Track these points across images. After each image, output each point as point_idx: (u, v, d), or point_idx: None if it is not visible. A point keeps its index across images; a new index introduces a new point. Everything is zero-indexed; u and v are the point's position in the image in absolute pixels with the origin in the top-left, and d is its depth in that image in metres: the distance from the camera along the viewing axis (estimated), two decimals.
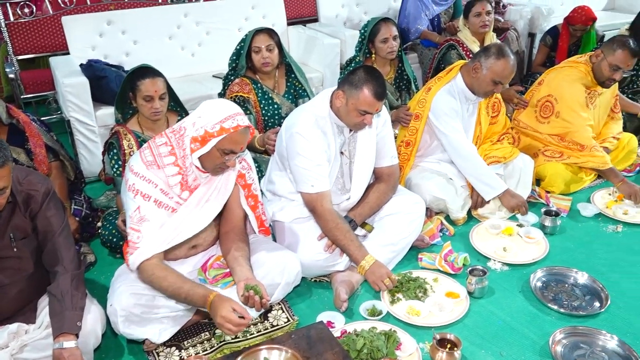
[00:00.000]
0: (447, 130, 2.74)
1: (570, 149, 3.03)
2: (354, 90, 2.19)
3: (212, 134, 1.86)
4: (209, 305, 1.88)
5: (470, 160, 2.77)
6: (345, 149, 2.42)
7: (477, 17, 3.55)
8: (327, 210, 2.26)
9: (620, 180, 2.95)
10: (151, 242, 1.94)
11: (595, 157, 2.98)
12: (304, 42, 4.16)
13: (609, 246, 2.63)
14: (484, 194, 2.76)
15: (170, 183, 1.94)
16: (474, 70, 2.68)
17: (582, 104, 3.02)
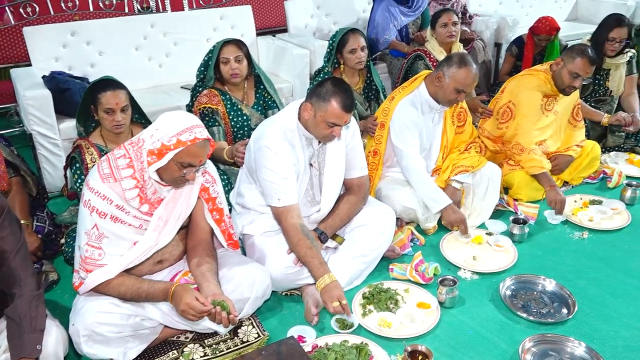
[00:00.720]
0: (401, 143, 2.77)
1: (513, 152, 3.09)
2: (322, 103, 2.18)
3: (169, 146, 1.82)
4: (170, 297, 1.89)
5: (419, 175, 2.77)
6: (314, 160, 2.41)
7: (443, 28, 3.60)
8: (291, 225, 2.23)
9: (550, 185, 2.98)
10: (117, 260, 1.90)
11: (533, 160, 3.03)
12: (273, 52, 4.15)
13: (576, 253, 2.67)
14: (430, 207, 2.76)
15: (127, 197, 1.89)
16: (437, 79, 2.71)
17: (535, 110, 3.08)
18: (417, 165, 2.78)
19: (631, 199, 3.08)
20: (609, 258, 2.61)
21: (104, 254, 1.89)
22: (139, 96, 2.76)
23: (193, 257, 2.08)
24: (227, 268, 2.12)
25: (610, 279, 2.47)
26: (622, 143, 3.66)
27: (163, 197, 1.97)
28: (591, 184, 3.33)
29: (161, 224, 1.98)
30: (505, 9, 5.48)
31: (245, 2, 4.62)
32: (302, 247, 2.20)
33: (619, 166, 3.48)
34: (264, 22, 4.85)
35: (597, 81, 3.68)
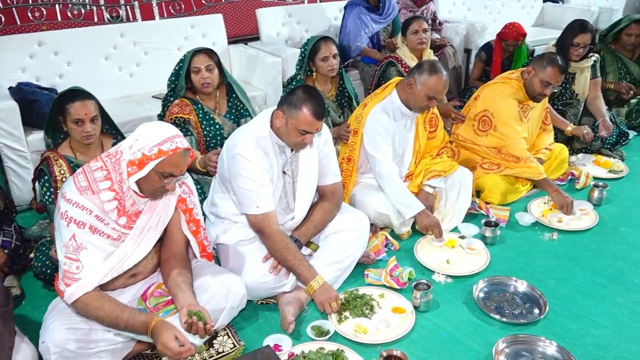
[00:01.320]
0: (373, 149, 2.80)
1: (507, 160, 3.15)
2: (293, 110, 2.20)
3: (150, 156, 1.81)
4: (150, 332, 1.86)
5: (391, 181, 2.80)
6: (287, 168, 2.41)
7: (414, 35, 3.65)
8: (275, 230, 2.24)
9: (554, 190, 3.07)
10: (93, 273, 1.87)
11: (530, 167, 3.10)
12: (245, 60, 4.15)
13: (546, 254, 2.73)
14: (403, 213, 2.78)
15: (106, 209, 1.87)
16: (408, 86, 2.75)
17: (516, 118, 3.15)
18: (390, 172, 2.81)
19: (598, 200, 3.16)
20: (578, 258, 2.68)
21: (82, 267, 1.86)
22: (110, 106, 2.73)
23: (167, 268, 2.07)
24: (201, 278, 2.11)
25: (580, 278, 2.53)
26: (589, 145, 3.76)
27: (141, 209, 1.96)
28: (560, 185, 3.41)
29: (138, 234, 1.96)
30: (474, 15, 5.60)
31: (216, 11, 4.62)
32: (291, 252, 2.22)
33: (586, 168, 3.57)
34: (235, 31, 4.85)
35: (563, 85, 3.77)
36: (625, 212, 3.10)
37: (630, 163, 3.70)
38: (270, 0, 5.00)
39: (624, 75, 4.19)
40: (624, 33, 4.06)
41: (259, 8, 4.61)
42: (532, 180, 3.13)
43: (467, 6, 5.63)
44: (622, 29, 4.07)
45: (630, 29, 4.02)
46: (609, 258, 2.67)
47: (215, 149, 2.75)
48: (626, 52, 4.17)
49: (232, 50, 4.31)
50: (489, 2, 5.77)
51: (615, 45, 4.19)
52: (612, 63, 4.18)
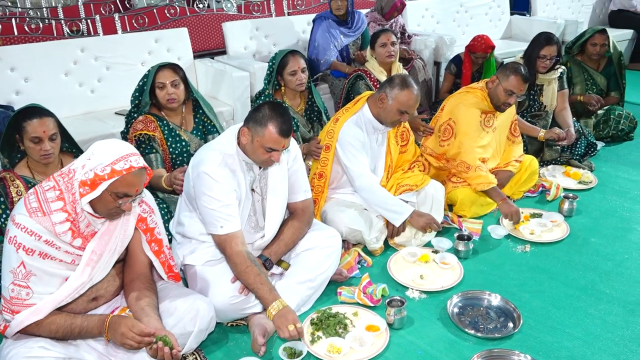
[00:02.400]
0: (351, 163, 2.83)
1: (459, 170, 3.21)
2: (259, 128, 2.21)
3: (103, 176, 1.79)
4: (107, 328, 1.86)
5: (374, 192, 2.84)
6: (256, 186, 2.42)
7: (382, 48, 3.72)
8: (236, 252, 2.22)
9: (501, 199, 3.13)
10: (48, 298, 1.83)
11: (480, 177, 3.15)
12: (212, 75, 4.15)
13: (519, 266, 2.79)
14: (393, 220, 2.83)
15: (57, 231, 1.83)
16: (380, 100, 2.79)
17: (475, 127, 3.22)
18: (372, 183, 2.85)
19: (569, 211, 3.25)
20: (551, 270, 2.74)
21: (32, 293, 1.82)
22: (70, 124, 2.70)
23: (131, 291, 2.04)
24: (167, 301, 2.09)
25: (553, 290, 2.58)
26: (558, 156, 3.87)
27: (97, 229, 1.93)
28: (531, 197, 3.50)
29: (95, 259, 1.92)
30: (443, 28, 5.73)
31: (181, 25, 4.63)
32: (250, 274, 2.19)
33: (556, 179, 3.67)
34: (201, 45, 4.85)
35: (531, 96, 3.89)
36: (596, 223, 3.19)
37: (599, 174, 3.82)
38: (237, 14, 5.04)
39: (591, 86, 4.35)
40: (589, 43, 4.22)
41: (225, 21, 4.62)
42: (483, 191, 3.17)
43: (435, 19, 5.77)
44: (586, 40, 4.22)
45: (595, 39, 4.18)
46: (581, 269, 2.75)
47: (181, 167, 2.73)
48: (592, 63, 4.33)
49: (198, 64, 4.31)
50: (458, 15, 5.92)
51: (581, 56, 4.35)
52: (578, 74, 4.33)
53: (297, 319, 2.13)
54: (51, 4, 5.24)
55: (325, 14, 4.43)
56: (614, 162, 4.04)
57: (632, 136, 4.42)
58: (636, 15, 6.86)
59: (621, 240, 3.00)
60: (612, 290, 2.58)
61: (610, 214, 3.30)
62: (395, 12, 4.77)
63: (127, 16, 4.42)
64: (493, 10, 6.21)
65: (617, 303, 2.49)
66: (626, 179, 3.76)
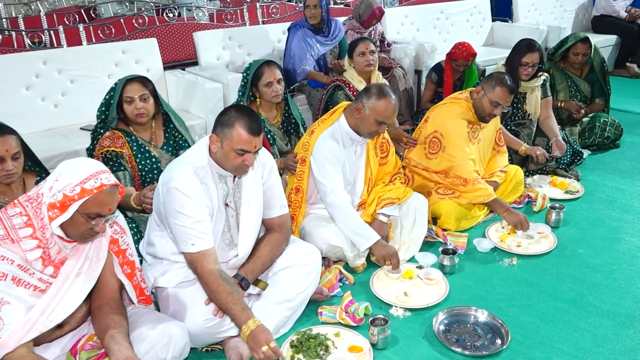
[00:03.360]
0: (323, 178, 2.85)
1: (455, 184, 3.26)
2: (227, 130, 2.22)
3: (73, 197, 1.78)
4: None
5: (343, 211, 2.85)
6: (229, 200, 2.42)
7: (360, 57, 3.77)
8: (208, 271, 2.21)
9: (505, 209, 3.20)
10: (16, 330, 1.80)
11: (479, 189, 3.21)
12: (183, 87, 4.16)
13: (506, 280, 2.83)
14: (358, 244, 2.83)
15: (29, 258, 1.82)
16: (356, 111, 2.83)
17: (465, 139, 3.28)
18: (342, 201, 2.86)
19: (556, 222, 3.32)
20: (539, 283, 2.79)
21: (3, 325, 1.78)
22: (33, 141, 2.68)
23: (100, 317, 2.02)
24: (139, 327, 2.07)
25: (541, 304, 2.63)
26: (544, 166, 3.95)
27: (67, 254, 1.91)
28: (517, 208, 3.55)
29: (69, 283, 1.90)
30: (423, 36, 5.84)
31: (150, 35, 4.64)
32: (222, 294, 2.17)
33: (542, 189, 3.74)
34: (171, 55, 4.86)
35: (515, 105, 3.97)
36: (583, 233, 3.26)
37: (586, 183, 3.90)
38: (209, 23, 5.07)
39: (574, 93, 4.46)
40: (571, 52, 4.33)
41: (196, 31, 4.65)
42: (483, 203, 3.23)
43: (415, 26, 5.88)
44: (569, 48, 4.34)
45: (577, 49, 4.29)
46: (569, 282, 2.80)
47: (151, 185, 2.73)
48: (575, 70, 4.45)
49: (168, 76, 4.32)
50: (438, 22, 6.04)
51: (563, 63, 4.46)
52: (561, 81, 4.44)
53: (270, 338, 2.09)
54: (11, 15, 5.20)
55: (301, 22, 4.48)
56: (600, 170, 4.14)
57: (619, 144, 4.54)
58: (619, 20, 7.08)
59: (609, 250, 3.07)
60: (601, 302, 2.63)
61: (598, 224, 3.37)
62: (373, 19, 4.84)
63: (93, 26, 4.42)
64: (474, 17, 6.35)
65: (607, 316, 2.54)
66: (613, 187, 3.85)
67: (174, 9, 5.20)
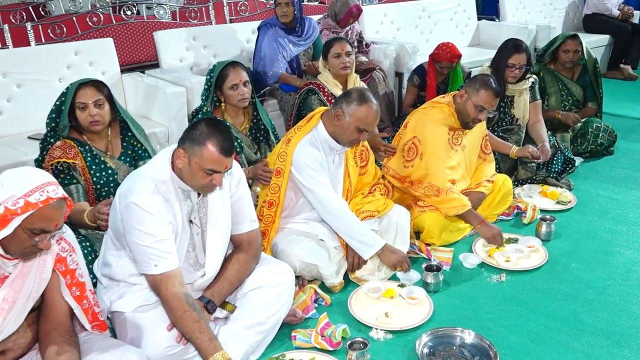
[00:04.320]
0: (312, 186, 2.87)
1: (428, 194, 3.30)
2: (197, 147, 2.22)
3: (15, 211, 1.77)
4: None
5: (342, 217, 2.90)
6: (194, 216, 2.42)
7: (336, 59, 3.80)
8: (173, 294, 2.21)
9: (479, 222, 3.25)
10: None
11: (452, 200, 3.25)
12: (142, 92, 4.16)
13: (494, 298, 2.87)
14: (361, 252, 2.90)
15: None
16: (335, 117, 2.86)
17: (443, 147, 3.33)
18: (341, 206, 2.91)
19: (547, 235, 3.38)
20: (529, 301, 2.84)
21: None
22: None
23: (48, 345, 1.99)
24: (92, 355, 2.04)
25: (532, 323, 2.67)
26: (534, 175, 4.03)
27: (8, 273, 1.89)
28: (506, 220, 3.62)
29: (6, 307, 1.88)
30: (404, 35, 5.92)
31: (106, 34, 4.63)
32: (188, 321, 2.17)
33: (532, 200, 3.82)
34: (130, 57, 4.85)
35: (502, 109, 4.05)
36: (576, 246, 3.33)
37: (579, 192, 3.99)
38: (171, 21, 5.08)
39: (566, 97, 4.57)
40: (561, 50, 4.45)
41: (157, 30, 4.65)
42: (458, 215, 3.27)
43: (396, 25, 5.96)
44: (558, 47, 4.45)
45: (567, 45, 4.41)
46: (561, 298, 2.85)
47: (106, 199, 2.71)
48: (566, 72, 4.56)
49: (126, 80, 4.31)
50: (420, 21, 6.14)
51: (554, 65, 4.57)
52: (553, 84, 4.55)
53: None
54: None
55: (271, 21, 4.51)
56: (593, 179, 4.24)
57: (612, 150, 4.66)
58: (611, 19, 7.26)
59: (603, 265, 3.14)
60: (595, 320, 2.69)
61: (591, 236, 3.45)
62: (350, 18, 4.91)
63: (42, 25, 4.39)
64: (459, 16, 6.47)
65: (601, 334, 2.59)
66: (607, 197, 3.95)
67: (132, 6, 5.20)
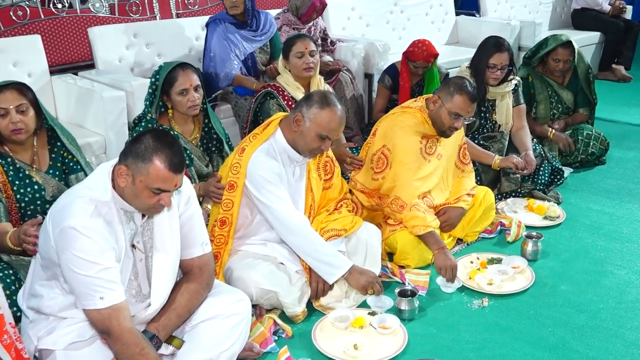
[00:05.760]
0: (269, 201, 2.88)
1: (393, 210, 3.33)
2: (142, 164, 2.22)
3: None
4: None
5: (304, 236, 2.92)
6: (137, 241, 2.41)
7: (299, 59, 3.82)
8: (127, 330, 2.20)
9: (437, 247, 3.22)
10: None
11: (415, 218, 3.27)
12: (75, 96, 4.13)
13: (476, 326, 2.92)
14: (326, 276, 2.91)
15: None
16: (295, 123, 2.88)
17: (414, 156, 3.37)
18: (301, 224, 2.92)
19: (533, 254, 3.45)
20: (514, 328, 2.89)
21: None
22: None
23: None
24: None
25: (517, 353, 2.72)
26: (519, 187, 4.12)
27: None
28: (488, 238, 3.69)
29: None
30: (374, 32, 6.01)
31: (32, 31, 4.59)
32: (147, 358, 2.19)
33: (517, 215, 3.89)
34: (61, 56, 4.81)
35: (482, 114, 4.13)
36: (565, 266, 3.41)
37: (568, 206, 4.09)
38: (109, 16, 5.04)
39: (556, 104, 4.68)
40: (551, 58, 4.55)
41: (93, 26, 4.63)
42: (418, 235, 3.28)
43: (365, 21, 6.04)
44: (548, 53, 4.54)
45: (557, 54, 4.51)
46: (550, 324, 2.91)
47: (34, 219, 2.68)
48: (555, 77, 4.67)
49: (56, 82, 4.28)
50: (392, 16, 6.23)
51: (542, 69, 4.68)
52: (542, 90, 4.64)
53: None
54: None
55: (221, 16, 4.53)
56: (584, 191, 4.35)
57: (604, 160, 4.79)
58: (602, 14, 7.48)
59: (595, 286, 3.22)
60: (587, 348, 2.75)
61: (581, 255, 3.54)
62: (314, 13, 4.95)
63: None
64: (435, 10, 6.60)
65: None
66: (599, 211, 4.06)
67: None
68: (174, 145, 2.27)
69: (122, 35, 4.65)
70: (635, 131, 5.63)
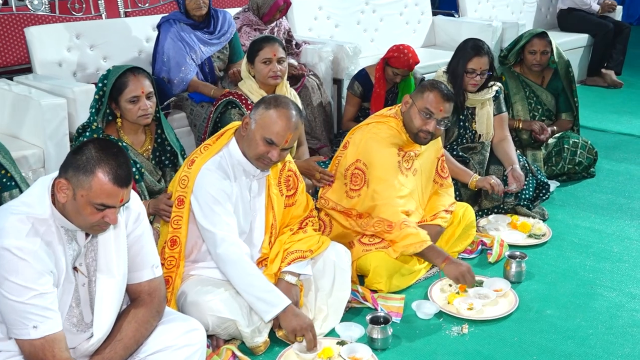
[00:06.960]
0: (211, 224, 2.87)
1: (379, 232, 3.36)
2: (83, 177, 2.21)
3: None
4: None
5: (238, 266, 2.89)
6: (80, 262, 2.39)
7: (265, 65, 3.81)
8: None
9: (443, 259, 3.29)
10: None
11: (408, 235, 3.30)
12: (9, 103, 4.09)
13: (455, 355, 2.94)
14: (262, 313, 2.87)
15: None
16: (243, 127, 2.89)
17: (393, 171, 3.40)
18: (237, 254, 2.89)
19: (517, 275, 3.50)
20: (496, 357, 2.92)
21: None
22: None
23: None
24: None
25: None
26: (501, 203, 4.17)
27: None
28: (468, 259, 3.72)
29: None
30: (344, 34, 6.06)
31: None
32: None
33: (499, 233, 3.94)
34: None
35: (461, 123, 4.19)
36: (551, 288, 3.46)
37: (554, 223, 4.15)
38: (48, 14, 5.01)
39: (535, 106, 4.77)
40: (527, 51, 4.66)
41: (30, 25, 4.60)
42: (416, 253, 3.34)
43: (333, 22, 6.09)
44: (523, 47, 4.66)
45: (533, 45, 4.63)
46: (534, 353, 2.95)
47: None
48: (534, 76, 4.78)
49: None
50: (363, 17, 6.29)
51: (519, 68, 4.78)
52: (518, 91, 4.74)
53: None
54: None
55: (174, 16, 4.53)
56: (571, 207, 4.43)
57: (593, 172, 4.88)
58: (590, 15, 7.64)
59: (584, 310, 3.27)
60: None
61: (569, 276, 3.59)
62: (277, 12, 4.96)
63: None
64: (410, 10, 6.67)
65: None
66: (587, 228, 4.13)
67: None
68: (119, 156, 2.25)
69: (64, 36, 4.62)
70: (626, 141, 5.75)
